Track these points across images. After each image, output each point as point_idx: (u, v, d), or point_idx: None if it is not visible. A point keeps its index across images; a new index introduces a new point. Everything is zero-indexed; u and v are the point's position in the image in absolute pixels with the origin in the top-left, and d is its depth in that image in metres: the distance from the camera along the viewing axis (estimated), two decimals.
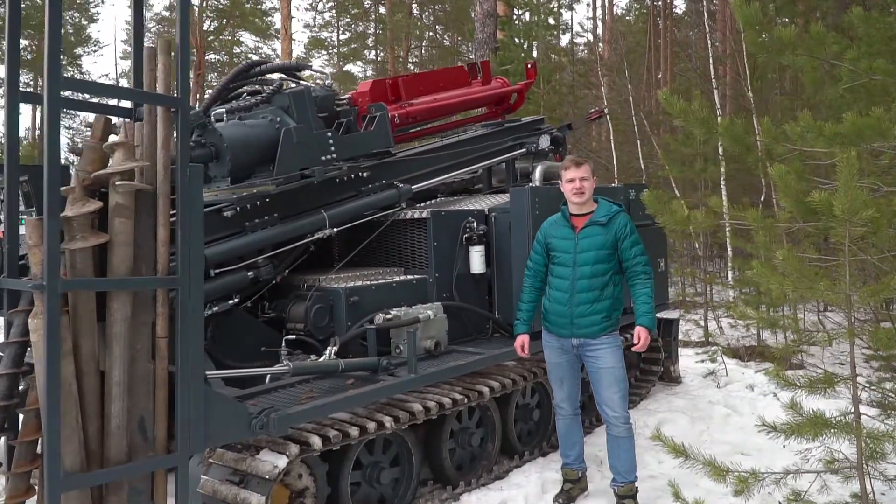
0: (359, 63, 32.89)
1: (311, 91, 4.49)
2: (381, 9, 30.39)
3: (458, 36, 27.53)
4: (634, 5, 29.65)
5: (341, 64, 32.23)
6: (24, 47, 24.36)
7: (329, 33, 32.80)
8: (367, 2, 31.04)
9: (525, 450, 4.84)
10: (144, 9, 3.31)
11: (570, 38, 26.63)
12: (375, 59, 31.99)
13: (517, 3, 15.40)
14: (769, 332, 8.27)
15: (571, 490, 4.18)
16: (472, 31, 13.67)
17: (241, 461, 3.33)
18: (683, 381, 6.88)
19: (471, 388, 4.32)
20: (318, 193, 4.48)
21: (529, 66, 7.10)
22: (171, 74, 2.92)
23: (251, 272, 4.10)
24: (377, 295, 4.46)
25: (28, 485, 2.81)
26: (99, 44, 31.78)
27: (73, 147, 3.34)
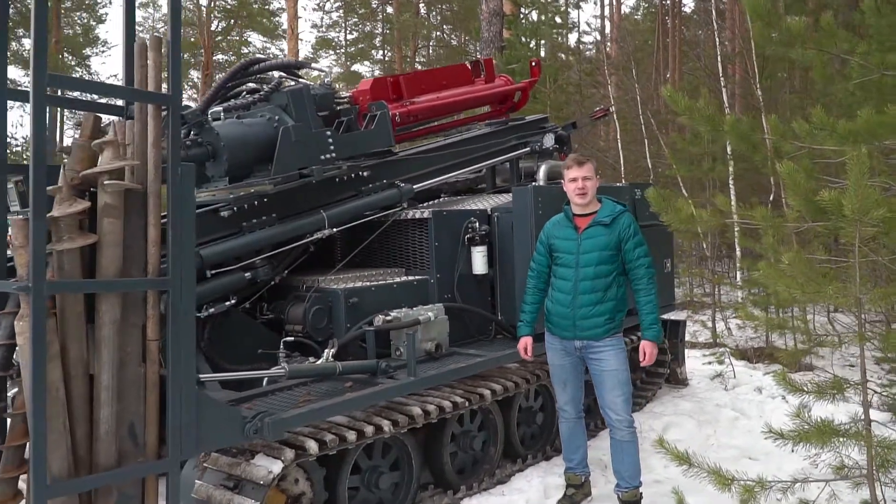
0: (366, 63, 32.85)
1: (310, 89, 4.42)
2: (388, 8, 30.33)
3: (465, 35, 27.44)
4: (642, 4, 29.52)
5: (349, 64, 32.20)
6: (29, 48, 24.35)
7: (336, 33, 32.79)
8: (374, 2, 31.00)
9: (528, 453, 4.76)
10: (137, 7, 3.25)
11: (578, 36, 26.50)
12: (383, 59, 31.94)
13: (524, 2, 15.31)
14: (777, 333, 8.16)
15: (574, 495, 4.10)
16: (479, 29, 13.59)
17: (236, 466, 3.27)
18: (690, 383, 6.78)
19: (472, 390, 4.24)
20: (318, 193, 4.42)
21: (533, 64, 7.02)
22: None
23: (248, 273, 4.05)
24: (377, 296, 4.40)
25: (16, 490, 2.76)
26: (108, 44, 31.86)
27: (62, 146, 3.28)
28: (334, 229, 4.40)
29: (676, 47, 20.19)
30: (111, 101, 3.60)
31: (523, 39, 13.99)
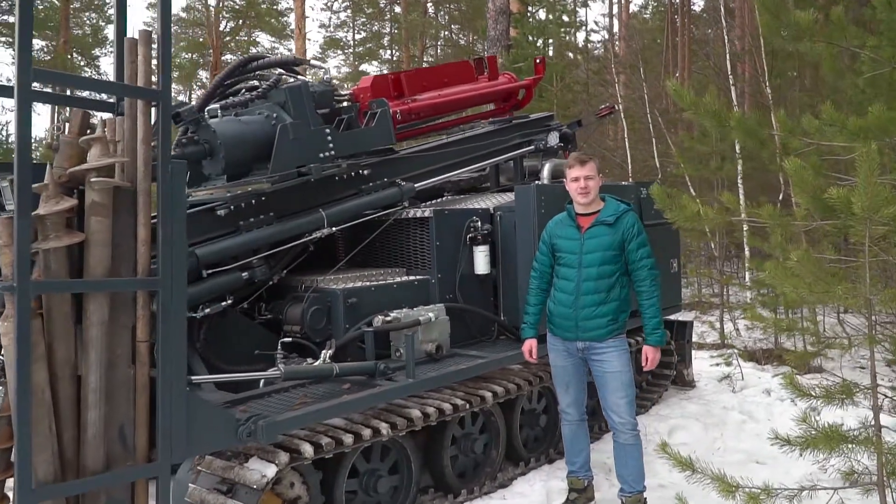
0: (374, 62, 32.79)
1: (308, 86, 4.35)
2: (396, 8, 30.28)
3: (473, 35, 27.34)
4: (651, 2, 29.34)
5: (357, 63, 32.17)
6: (41, 47, 24.46)
7: (344, 33, 32.76)
8: (382, 1, 30.96)
9: (531, 456, 4.68)
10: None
11: (586, 35, 26.33)
12: (391, 58, 31.89)
13: (531, 1, 15.21)
14: (786, 335, 8.04)
15: (577, 500, 4.01)
16: (486, 28, 13.50)
17: (229, 469, 3.21)
18: (697, 385, 6.68)
19: (473, 392, 4.17)
20: (316, 192, 4.35)
21: (538, 62, 6.93)
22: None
23: (245, 273, 3.99)
24: (377, 296, 4.33)
25: (2, 494, 2.71)
26: None
27: (49, 143, 3.23)
28: (333, 228, 4.33)
29: (685, 46, 20.06)
30: (107, 97, 3.55)
31: (530, 38, 13.90)
